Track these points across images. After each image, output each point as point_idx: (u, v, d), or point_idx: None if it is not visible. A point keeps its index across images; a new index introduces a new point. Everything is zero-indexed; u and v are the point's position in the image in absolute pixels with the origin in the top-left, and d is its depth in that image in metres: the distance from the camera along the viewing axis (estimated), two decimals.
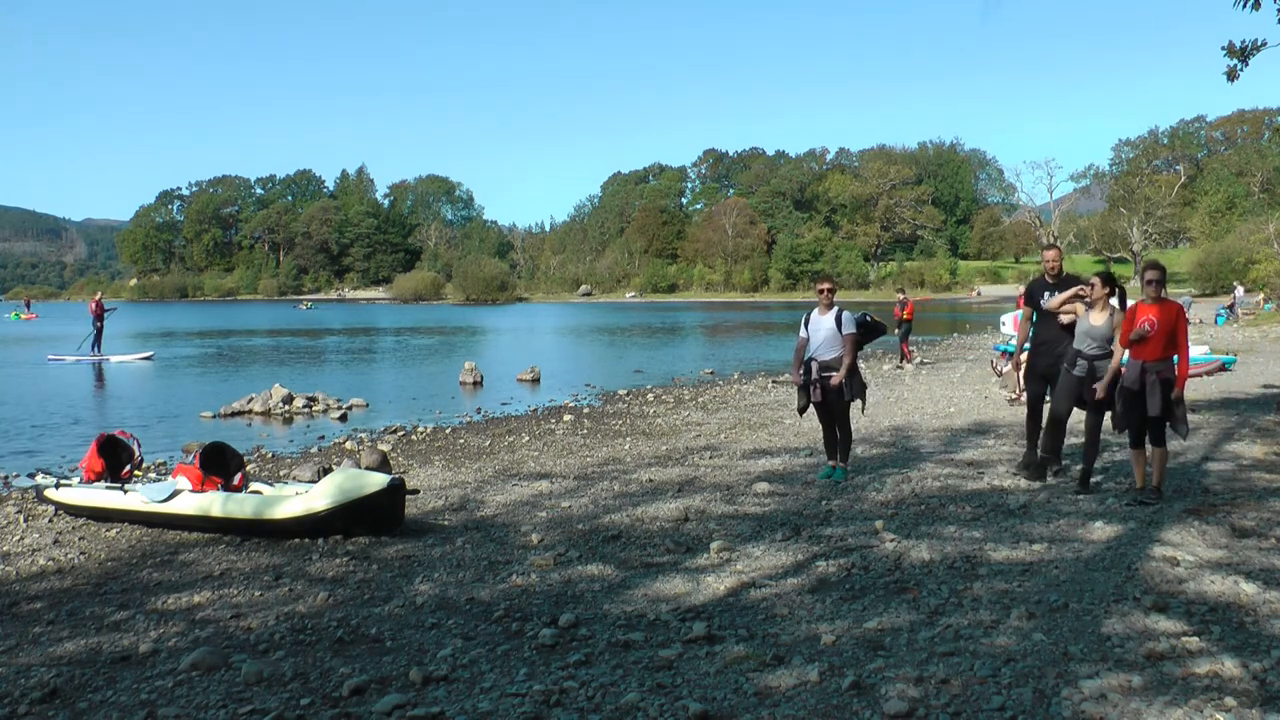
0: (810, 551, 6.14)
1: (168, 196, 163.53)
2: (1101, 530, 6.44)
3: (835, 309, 8.38)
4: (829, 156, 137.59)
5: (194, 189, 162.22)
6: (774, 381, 20.01)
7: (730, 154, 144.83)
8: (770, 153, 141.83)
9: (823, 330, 8.34)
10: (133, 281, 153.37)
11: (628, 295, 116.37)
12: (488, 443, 12.16)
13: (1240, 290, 43.85)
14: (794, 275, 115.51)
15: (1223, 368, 18.57)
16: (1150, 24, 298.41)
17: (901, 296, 23.00)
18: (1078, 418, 12.24)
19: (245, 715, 3.92)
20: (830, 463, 8.67)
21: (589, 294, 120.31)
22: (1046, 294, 8.30)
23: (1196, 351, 19.72)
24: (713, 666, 4.28)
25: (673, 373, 23.57)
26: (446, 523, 7.47)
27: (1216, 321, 38.46)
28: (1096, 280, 7.81)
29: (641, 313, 74.91)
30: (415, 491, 7.37)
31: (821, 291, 8.46)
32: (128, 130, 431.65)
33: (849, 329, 8.25)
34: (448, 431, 13.60)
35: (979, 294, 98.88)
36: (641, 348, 34.47)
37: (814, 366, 8.34)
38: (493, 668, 4.36)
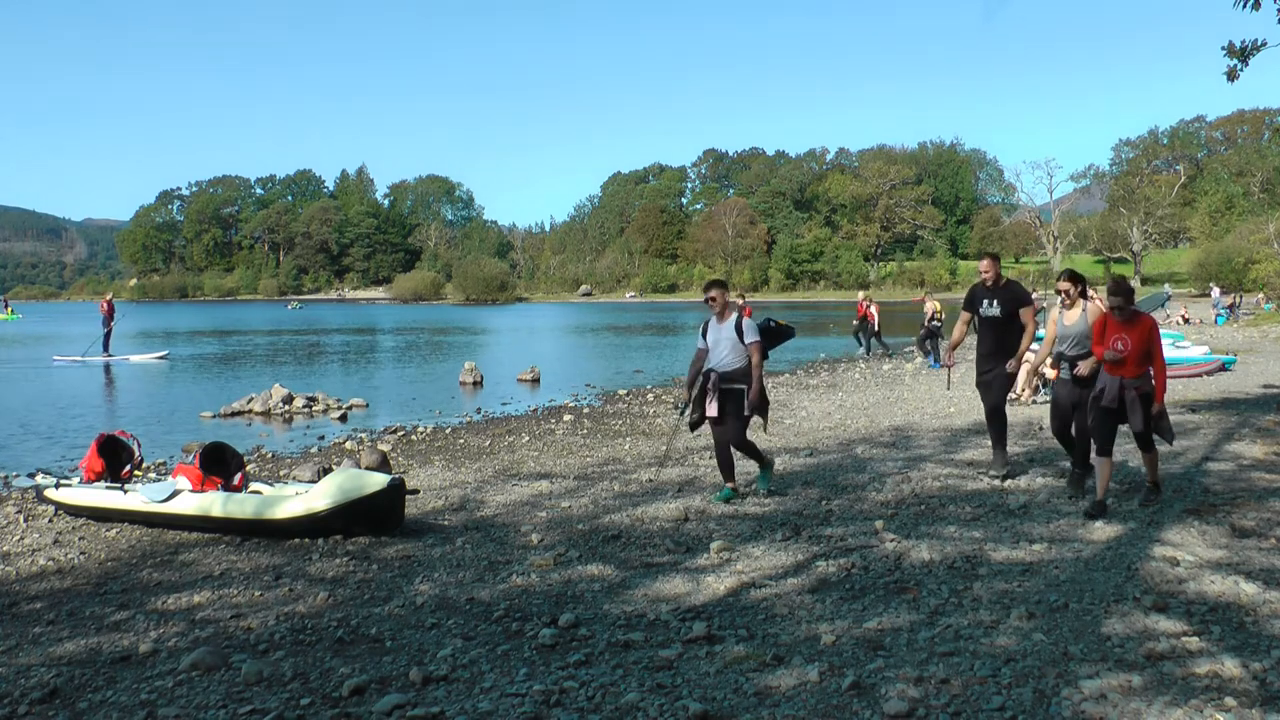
0: (810, 551, 6.14)
1: (168, 196, 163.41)
2: (1101, 530, 6.44)
3: (734, 316, 7.69)
4: (829, 156, 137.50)
5: (194, 189, 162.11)
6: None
7: (730, 154, 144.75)
8: (770, 153, 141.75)
9: (723, 340, 7.64)
10: (133, 281, 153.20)
11: (628, 295, 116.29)
12: (488, 443, 12.16)
13: (1216, 291, 44.00)
14: (794, 275, 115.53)
15: (1223, 368, 18.56)
16: (1150, 24, 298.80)
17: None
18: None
19: (245, 715, 3.92)
20: (729, 485, 7.87)
21: (589, 294, 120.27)
22: (986, 301, 8.31)
23: (1197, 352, 19.76)
24: (713, 666, 4.28)
25: (673, 373, 23.54)
26: (446, 523, 7.47)
27: (1216, 321, 38.48)
28: (1068, 285, 7.73)
29: (641, 313, 74.88)
30: (415, 491, 7.37)
31: (710, 300, 7.72)
32: (128, 130, 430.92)
33: (752, 337, 7.60)
34: (448, 431, 13.60)
35: None
36: (641, 348, 34.45)
37: (713, 377, 7.65)
38: (493, 668, 4.36)
